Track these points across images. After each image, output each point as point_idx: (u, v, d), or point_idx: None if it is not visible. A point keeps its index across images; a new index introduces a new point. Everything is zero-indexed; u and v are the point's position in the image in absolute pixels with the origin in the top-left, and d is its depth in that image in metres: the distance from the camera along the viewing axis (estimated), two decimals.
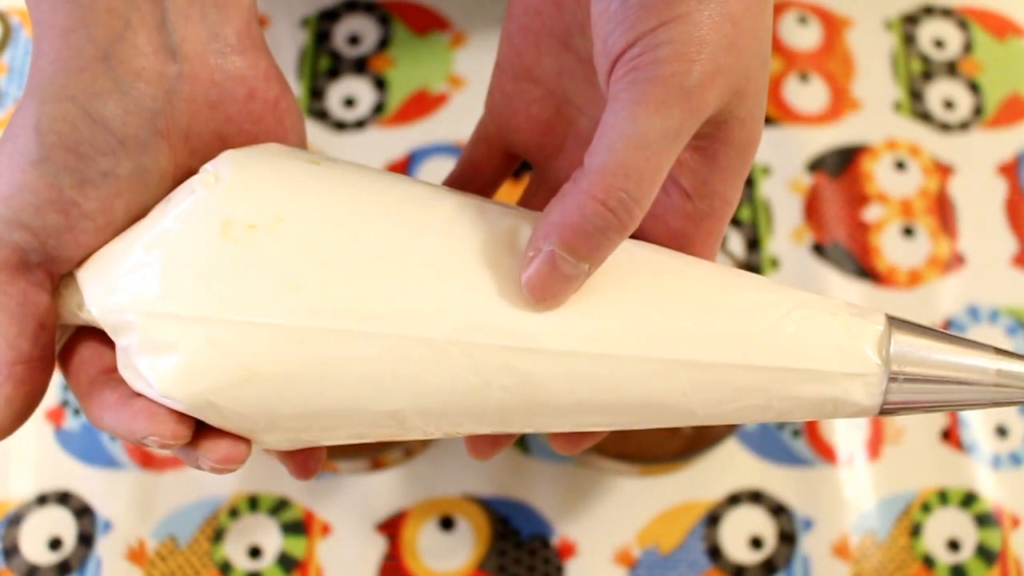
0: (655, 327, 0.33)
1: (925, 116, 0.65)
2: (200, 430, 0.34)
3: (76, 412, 0.58)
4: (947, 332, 0.34)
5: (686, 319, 0.34)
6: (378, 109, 0.64)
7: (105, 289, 0.34)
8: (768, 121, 0.64)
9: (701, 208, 0.36)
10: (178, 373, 0.33)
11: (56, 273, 0.35)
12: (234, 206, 0.34)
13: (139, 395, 0.34)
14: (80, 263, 0.35)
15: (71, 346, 0.37)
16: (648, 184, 0.32)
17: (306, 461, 0.38)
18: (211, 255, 0.33)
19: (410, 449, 0.55)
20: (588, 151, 0.32)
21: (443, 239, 0.34)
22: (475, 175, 0.43)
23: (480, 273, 0.34)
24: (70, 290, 0.35)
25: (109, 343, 0.36)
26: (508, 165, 0.43)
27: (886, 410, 0.34)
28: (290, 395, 0.33)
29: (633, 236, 0.37)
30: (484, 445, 0.39)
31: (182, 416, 0.33)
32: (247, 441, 0.34)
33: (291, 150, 0.37)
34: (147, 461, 0.57)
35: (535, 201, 0.42)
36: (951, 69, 0.66)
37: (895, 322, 0.34)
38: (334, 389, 0.33)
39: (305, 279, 0.33)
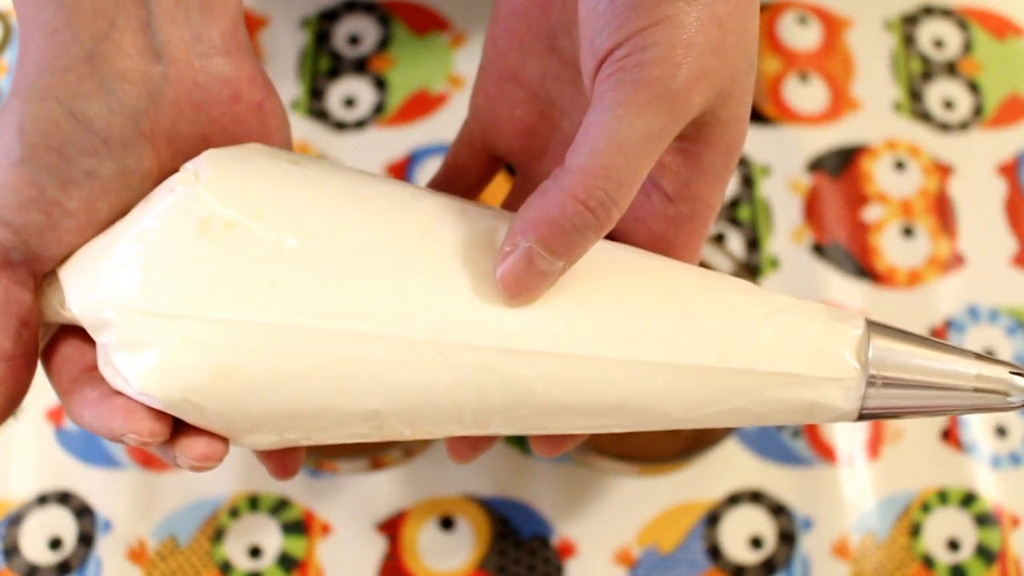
0: (633, 329, 0.34)
1: (925, 116, 0.65)
2: (178, 428, 0.34)
3: None
4: (928, 337, 0.34)
5: (664, 321, 0.34)
6: (378, 109, 0.64)
7: (85, 287, 0.34)
8: (768, 121, 0.64)
9: (682, 211, 0.36)
10: (154, 370, 0.33)
11: (39, 271, 0.35)
12: (212, 204, 0.34)
13: (119, 393, 0.34)
14: (63, 261, 0.35)
15: (54, 344, 0.37)
16: (628, 186, 0.32)
17: (284, 461, 0.38)
18: (189, 253, 0.34)
19: (410, 449, 0.55)
20: (570, 150, 0.33)
21: (422, 239, 0.34)
22: (458, 178, 0.43)
23: (458, 273, 0.34)
24: (53, 288, 0.35)
25: (91, 341, 0.36)
26: (491, 168, 0.43)
27: (864, 415, 0.34)
28: (266, 393, 0.33)
29: (614, 239, 0.37)
30: (463, 448, 0.39)
31: (160, 414, 0.34)
32: (225, 439, 0.34)
33: (272, 150, 0.37)
34: (147, 461, 0.57)
35: (518, 204, 0.42)
36: (951, 69, 0.66)
37: (874, 326, 0.34)
38: (310, 387, 0.33)
39: (282, 277, 0.33)
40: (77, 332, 0.36)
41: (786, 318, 0.34)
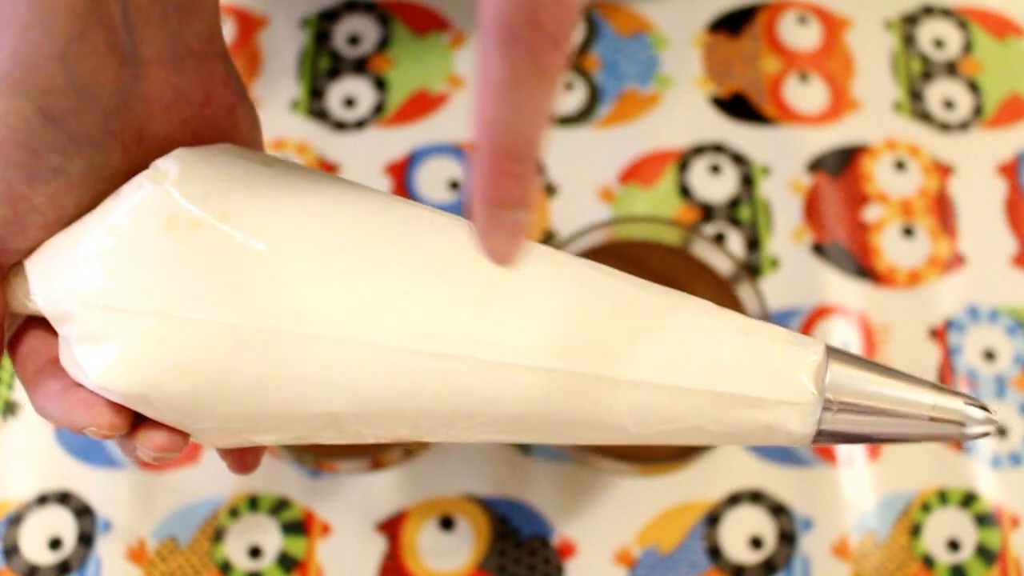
0: (590, 344, 0.34)
1: (925, 116, 0.65)
2: (139, 420, 0.34)
3: None
4: (887, 367, 0.35)
5: (623, 338, 0.34)
6: (378, 109, 0.64)
7: (50, 279, 0.35)
8: (768, 121, 0.64)
9: None
10: (114, 365, 0.33)
11: (4, 263, 0.35)
12: (180, 202, 0.34)
13: (80, 385, 0.34)
14: (28, 254, 0.35)
15: (20, 335, 0.37)
16: None
17: (243, 457, 0.38)
18: (154, 250, 0.34)
19: (410, 449, 0.55)
20: None
21: (388, 245, 0.35)
22: None
23: (422, 280, 0.34)
24: (19, 279, 0.35)
25: (57, 333, 0.36)
26: None
27: (819, 439, 0.34)
28: (223, 392, 0.33)
29: None
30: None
31: (120, 407, 0.34)
32: (184, 432, 0.35)
33: (244, 151, 0.37)
34: (146, 461, 0.57)
35: None
36: (951, 69, 0.66)
37: (833, 352, 0.34)
38: (268, 388, 0.33)
39: (244, 278, 0.33)
40: (43, 324, 0.36)
41: (746, 341, 0.34)
